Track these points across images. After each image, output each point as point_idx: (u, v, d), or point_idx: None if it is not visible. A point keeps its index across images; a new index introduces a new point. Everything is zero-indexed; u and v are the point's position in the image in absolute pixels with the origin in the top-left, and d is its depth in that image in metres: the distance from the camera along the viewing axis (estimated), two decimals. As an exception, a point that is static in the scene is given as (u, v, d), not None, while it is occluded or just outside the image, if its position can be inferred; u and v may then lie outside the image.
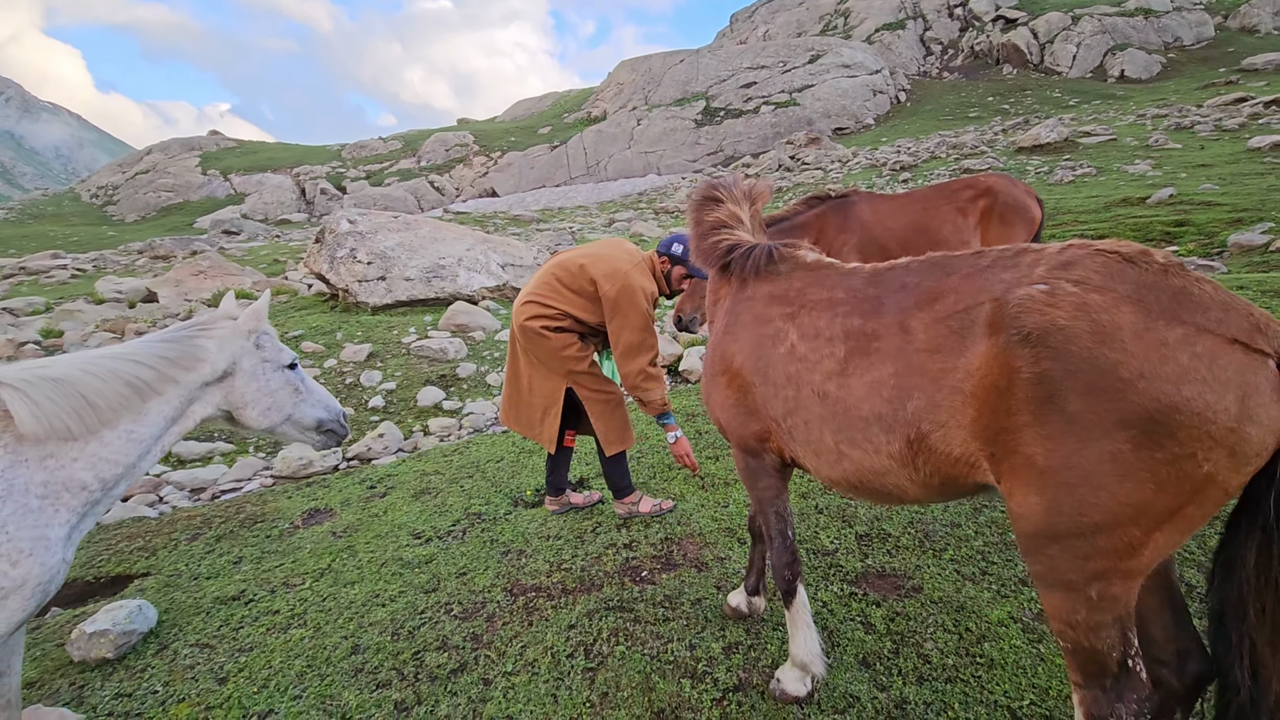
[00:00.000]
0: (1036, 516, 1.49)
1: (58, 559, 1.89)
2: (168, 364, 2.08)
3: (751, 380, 2.17)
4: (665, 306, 10.46)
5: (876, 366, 1.76)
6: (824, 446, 1.95)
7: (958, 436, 1.62)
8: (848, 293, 1.94)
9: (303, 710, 2.55)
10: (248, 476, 6.07)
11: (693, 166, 44.58)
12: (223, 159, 42.96)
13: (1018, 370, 1.48)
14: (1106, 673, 1.52)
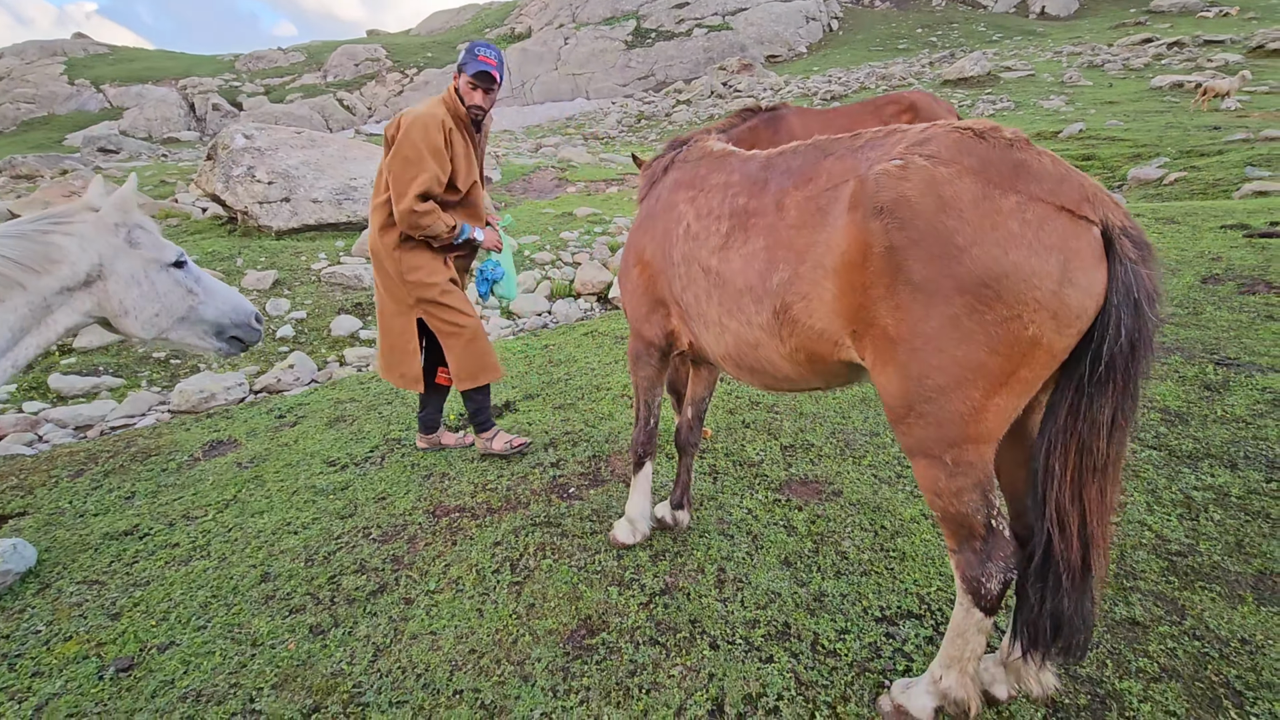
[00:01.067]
0: (894, 388, 1.57)
1: None
2: (13, 266, 1.76)
3: (660, 266, 2.25)
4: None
5: (751, 241, 1.83)
6: (710, 319, 2.02)
7: (820, 311, 1.67)
8: (742, 176, 2.00)
9: (208, 640, 2.41)
10: (141, 412, 5.59)
11: (623, 91, 42.99)
12: (93, 67, 37.92)
13: (871, 244, 1.53)
14: (975, 535, 1.62)
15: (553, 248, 9.98)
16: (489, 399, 3.56)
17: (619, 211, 12.02)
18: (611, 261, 9.36)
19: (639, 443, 2.60)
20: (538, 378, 4.73)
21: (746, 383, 2.09)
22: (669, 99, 36.63)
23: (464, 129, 3.21)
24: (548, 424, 3.96)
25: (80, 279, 1.91)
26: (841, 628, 2.20)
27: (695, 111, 31.81)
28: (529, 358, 5.18)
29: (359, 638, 2.37)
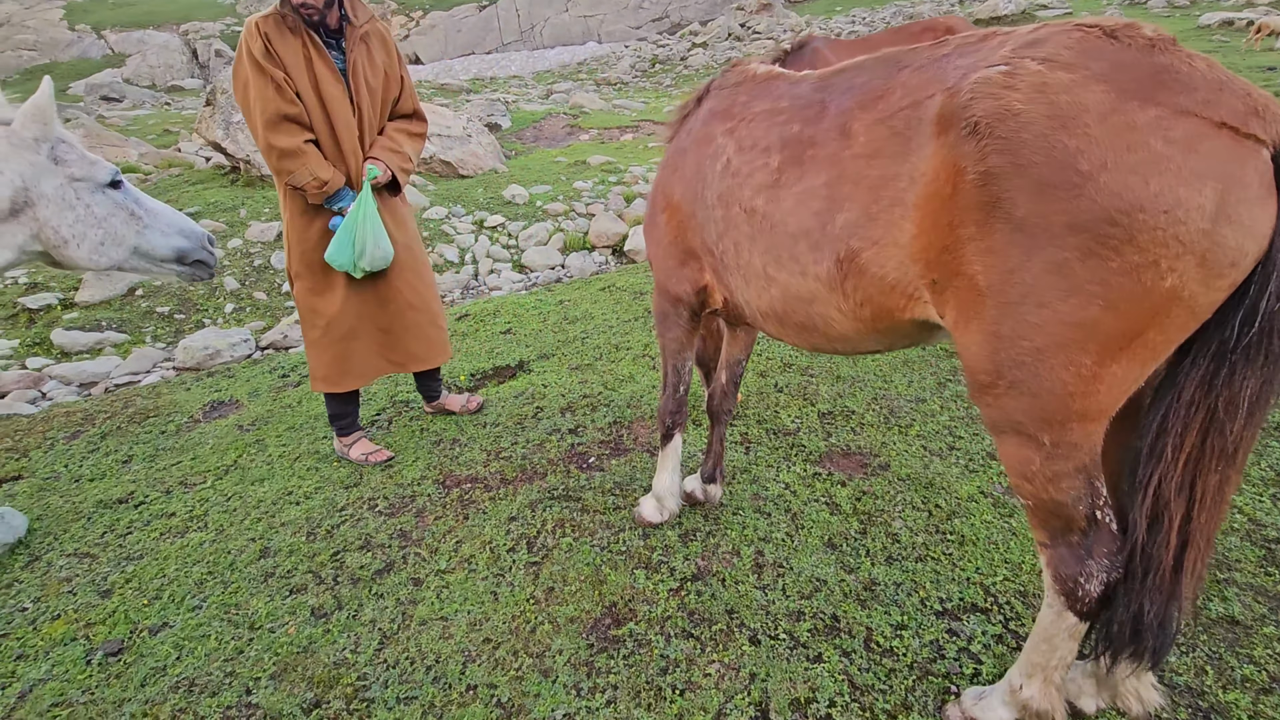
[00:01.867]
0: (980, 350, 1.29)
1: None
2: None
3: (691, 211, 1.93)
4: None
5: (809, 176, 1.51)
6: (752, 270, 1.72)
7: (894, 258, 1.38)
8: (792, 100, 1.66)
9: (202, 622, 2.23)
10: (146, 369, 5.42)
11: (636, 33, 41.31)
12: (93, 11, 36.89)
13: (963, 171, 1.22)
14: (1073, 527, 1.36)
15: (566, 198, 9.58)
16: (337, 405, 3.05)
17: (635, 160, 11.52)
18: (627, 212, 8.96)
19: (667, 412, 2.34)
20: (553, 336, 4.46)
21: (790, 342, 1.80)
22: (684, 42, 35.16)
23: (305, 35, 2.54)
24: (564, 386, 3.71)
25: (4, 208, 1.64)
26: (898, 622, 1.97)
27: (712, 55, 30.52)
28: (543, 314, 4.90)
29: (364, 622, 2.18)
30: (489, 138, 12.04)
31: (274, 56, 2.49)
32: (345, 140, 2.65)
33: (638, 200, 9.29)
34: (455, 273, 7.64)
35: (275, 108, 2.48)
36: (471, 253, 8.09)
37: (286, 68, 2.51)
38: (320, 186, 2.59)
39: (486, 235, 8.54)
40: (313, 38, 2.56)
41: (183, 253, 2.00)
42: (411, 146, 2.88)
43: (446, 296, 7.12)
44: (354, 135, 2.68)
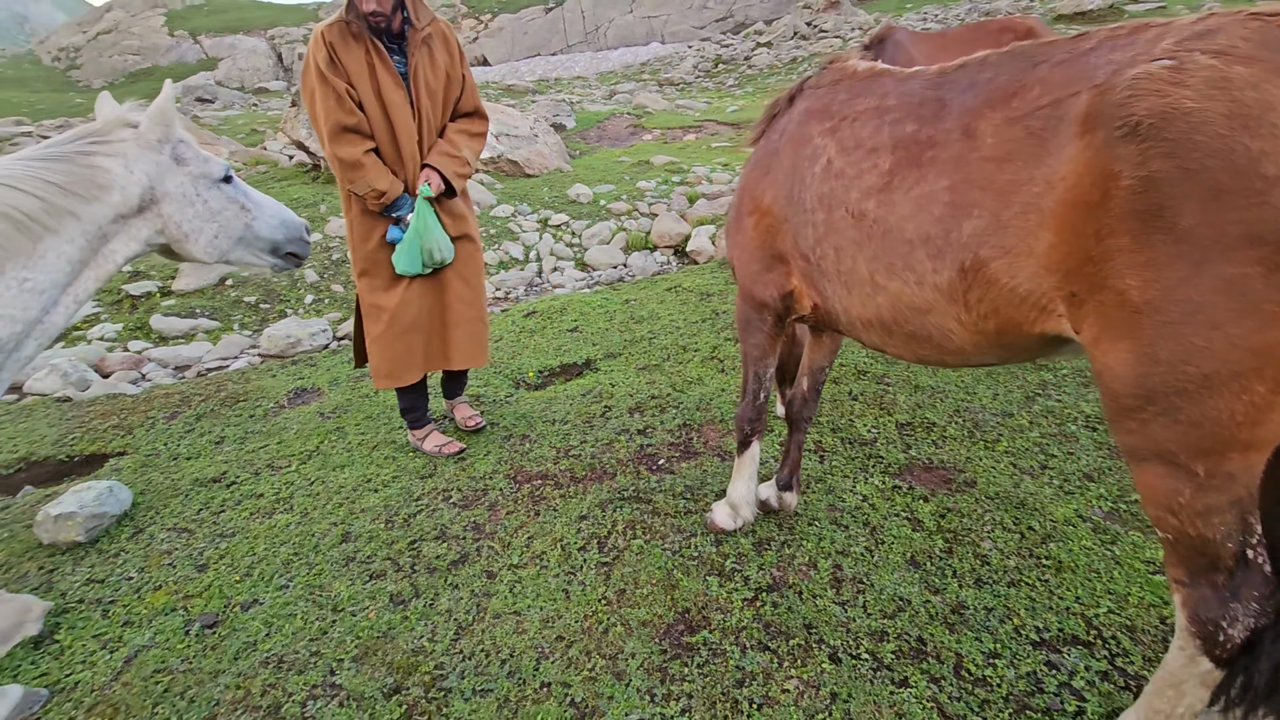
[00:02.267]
0: (1127, 371, 1.18)
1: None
2: (59, 193, 1.60)
3: (783, 214, 1.87)
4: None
5: (929, 179, 1.42)
6: (856, 278, 1.64)
7: (1027, 267, 1.28)
8: (902, 98, 1.57)
9: (290, 600, 2.32)
10: (234, 354, 5.72)
11: (700, 34, 41.14)
12: (190, 18, 39.35)
13: (1117, 176, 1.12)
14: (1219, 567, 1.24)
15: (629, 198, 9.61)
16: (403, 399, 3.14)
17: (698, 160, 11.46)
18: (690, 213, 8.92)
19: (746, 419, 2.29)
20: (619, 335, 4.47)
21: (891, 353, 1.73)
22: (748, 41, 34.80)
23: (368, 41, 2.58)
24: (631, 386, 3.70)
25: (134, 206, 1.73)
26: (990, 650, 1.87)
27: (777, 54, 30.10)
28: (609, 313, 4.92)
29: (440, 611, 2.22)
30: (554, 137, 12.21)
31: (338, 66, 2.55)
32: (405, 145, 2.72)
33: (700, 201, 9.23)
34: (520, 269, 7.76)
35: (336, 119, 2.56)
36: (536, 250, 8.21)
37: (350, 76, 2.57)
38: (378, 197, 2.67)
39: (551, 233, 8.66)
40: (376, 44, 2.60)
41: (281, 243, 2.06)
42: (470, 148, 2.89)
43: (511, 293, 7.24)
44: (414, 140, 2.73)
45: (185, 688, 2.01)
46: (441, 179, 2.80)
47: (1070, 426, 2.91)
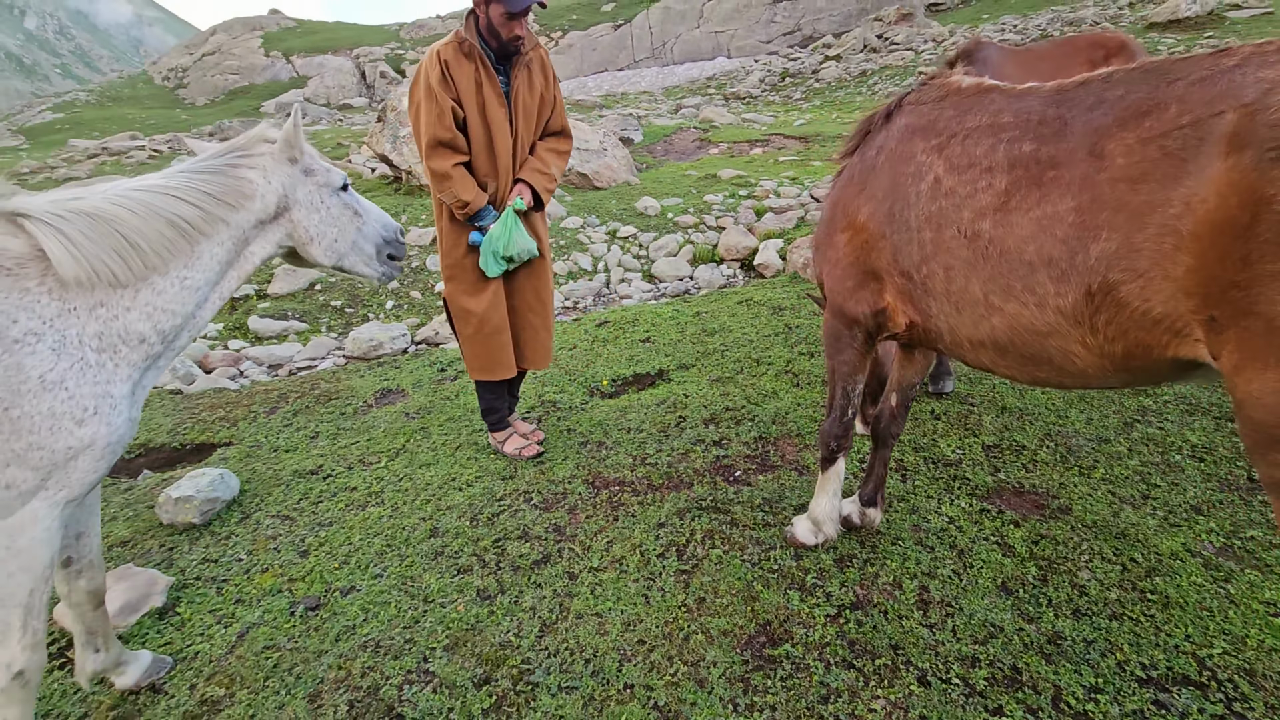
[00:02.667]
0: (1275, 399, 1.14)
1: (124, 418, 1.72)
2: (212, 201, 1.78)
3: (880, 231, 1.86)
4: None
5: (1051, 200, 1.40)
6: (968, 298, 1.62)
7: (1162, 291, 1.25)
8: (1018, 116, 1.55)
9: (384, 589, 2.45)
10: (321, 355, 6.06)
11: (766, 48, 41.03)
12: (284, 40, 42.08)
13: (1270, 200, 1.09)
14: None
15: (696, 211, 9.67)
16: (490, 395, 3.26)
17: (765, 174, 11.42)
18: (757, 226, 8.90)
19: (832, 436, 2.28)
20: (691, 347, 4.51)
21: (1002, 374, 1.70)
22: (816, 55, 34.49)
23: (479, 60, 2.73)
24: (706, 397, 3.73)
25: (271, 213, 1.93)
26: (1091, 684, 1.80)
27: (845, 67, 29.70)
28: (680, 325, 4.97)
29: (525, 609, 2.30)
30: (622, 151, 12.42)
31: (449, 83, 2.71)
32: (501, 158, 2.89)
33: (768, 215, 9.20)
34: (589, 280, 7.92)
35: (435, 133, 2.72)
36: (604, 261, 8.36)
37: (459, 92, 2.73)
38: (463, 207, 2.83)
39: (619, 245, 8.80)
40: (486, 64, 2.75)
41: (382, 245, 2.20)
42: (557, 165, 3.07)
43: (580, 303, 7.40)
44: (509, 154, 2.90)
45: (292, 664, 2.14)
46: (532, 193, 2.95)
47: (1174, 456, 2.76)
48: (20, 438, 1.57)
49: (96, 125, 31.19)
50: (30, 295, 1.59)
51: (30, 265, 1.60)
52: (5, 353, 1.54)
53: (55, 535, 1.69)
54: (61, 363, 1.61)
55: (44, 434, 1.59)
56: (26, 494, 1.61)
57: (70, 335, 1.63)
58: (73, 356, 1.63)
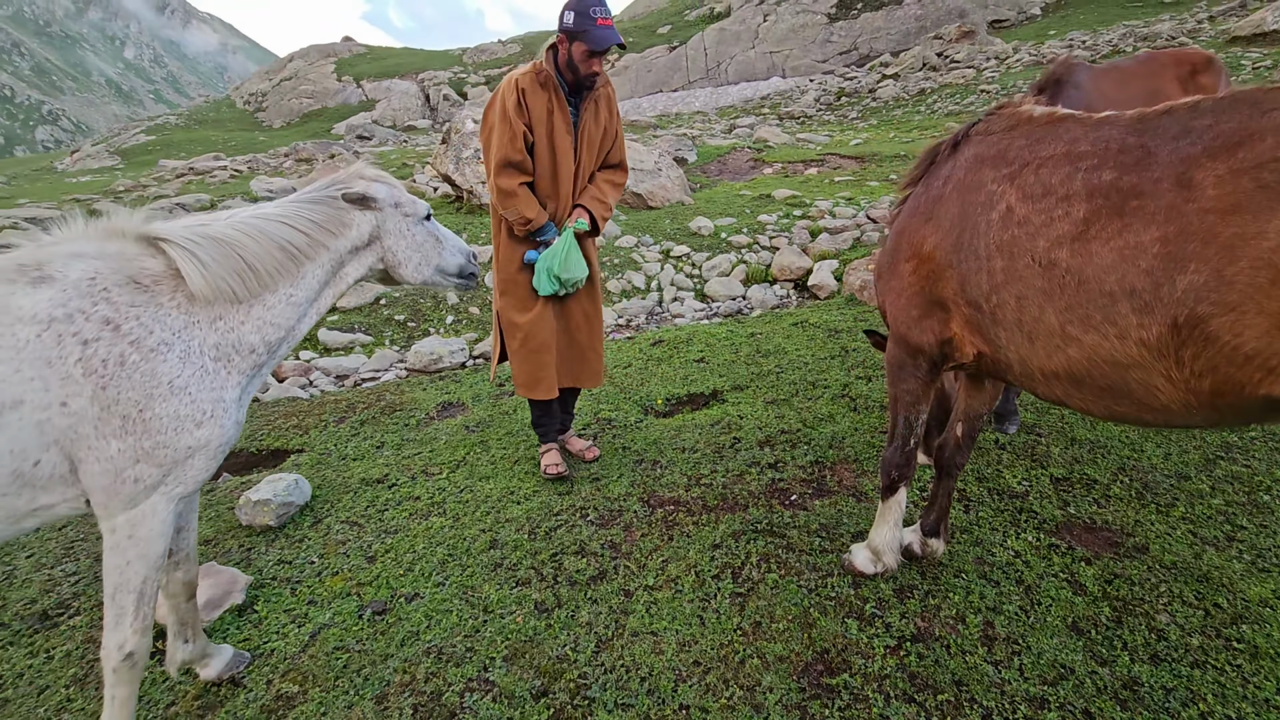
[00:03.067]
0: None
1: (233, 420, 1.87)
2: (317, 229, 1.98)
3: (947, 261, 1.86)
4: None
5: (1135, 230, 1.37)
6: (1042, 328, 1.59)
7: (1255, 326, 1.22)
8: (1096, 144, 1.53)
9: (446, 598, 2.53)
10: (385, 367, 6.31)
11: (822, 67, 40.86)
12: (355, 65, 44.33)
13: None
14: None
15: (750, 231, 9.68)
16: (538, 412, 3.36)
17: (820, 194, 11.35)
18: (812, 246, 8.84)
19: (893, 465, 2.26)
20: (745, 368, 4.51)
21: (1076, 406, 1.66)
22: (873, 74, 34.13)
23: (553, 91, 2.88)
24: (760, 419, 3.73)
25: (365, 239, 2.12)
26: (1172, 734, 1.72)
27: (903, 86, 29.28)
28: (735, 345, 4.98)
29: (581, 623, 2.34)
30: (677, 171, 12.55)
31: (523, 109, 2.87)
32: (563, 184, 3.04)
33: (823, 235, 9.13)
34: (642, 298, 8.02)
35: (506, 154, 2.88)
36: (657, 280, 8.45)
37: (531, 119, 2.88)
38: (525, 223, 2.98)
39: (672, 264, 8.88)
40: (559, 95, 2.91)
41: (462, 268, 2.39)
42: (613, 195, 3.20)
43: (633, 320, 7.48)
44: (570, 181, 3.05)
45: (360, 666, 2.24)
46: (590, 219, 3.08)
47: (1263, 496, 2.61)
48: (150, 436, 1.72)
49: (184, 147, 33.42)
50: (163, 309, 1.76)
51: (165, 283, 1.78)
52: (143, 360, 1.71)
53: (169, 527, 1.84)
54: (186, 369, 1.77)
55: (169, 434, 1.74)
56: (149, 488, 1.76)
57: (194, 345, 1.80)
58: (195, 364, 1.79)
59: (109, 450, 1.70)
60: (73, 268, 1.72)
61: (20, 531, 1.75)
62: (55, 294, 1.67)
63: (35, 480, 1.68)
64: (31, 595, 2.73)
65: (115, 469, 1.71)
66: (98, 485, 1.72)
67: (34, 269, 1.70)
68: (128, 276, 1.75)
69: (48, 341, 1.64)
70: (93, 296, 1.70)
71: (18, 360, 1.61)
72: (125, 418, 1.69)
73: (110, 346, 1.68)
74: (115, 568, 1.79)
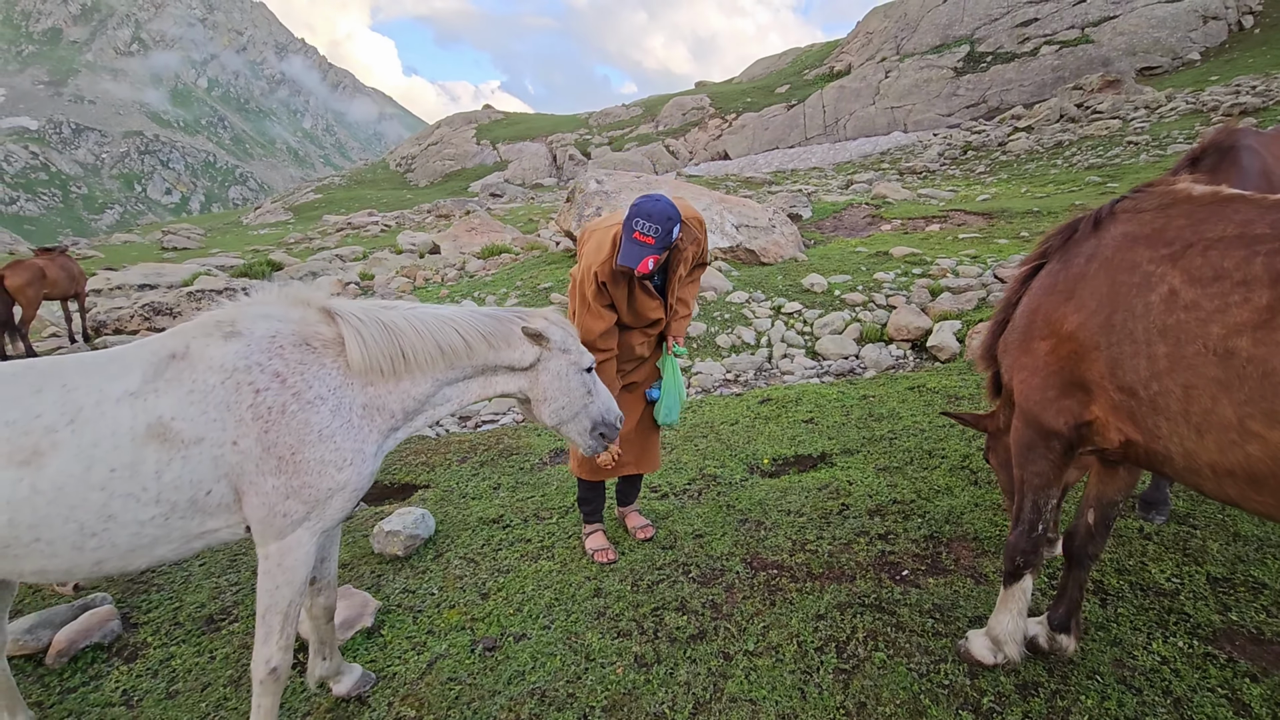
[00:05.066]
0: None
1: (369, 469, 2.11)
2: (480, 339, 2.21)
3: (1093, 342, 1.77)
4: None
5: None
6: (1215, 420, 1.49)
7: None
8: (1275, 228, 1.46)
9: (551, 641, 2.64)
10: (503, 411, 6.71)
11: (947, 121, 39.69)
12: (492, 130, 48.61)
13: None
14: None
15: (865, 288, 9.47)
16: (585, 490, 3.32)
17: (942, 251, 10.93)
18: (932, 306, 8.50)
19: (1019, 550, 2.12)
20: (856, 431, 4.40)
21: (1253, 509, 1.53)
22: (1003, 126, 32.67)
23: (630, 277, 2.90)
24: (871, 486, 3.61)
25: (523, 365, 2.30)
26: None
27: (1037, 139, 27.76)
28: (845, 407, 4.87)
29: (679, 682, 2.36)
30: (791, 227, 12.59)
31: (604, 295, 2.92)
32: (651, 330, 3.12)
33: (945, 294, 8.77)
34: (750, 354, 8.03)
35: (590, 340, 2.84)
36: (767, 336, 8.44)
37: (614, 299, 2.94)
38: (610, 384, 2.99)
39: (783, 320, 8.84)
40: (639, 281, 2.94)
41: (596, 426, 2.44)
42: (693, 293, 3.27)
43: (741, 376, 7.49)
44: (660, 326, 3.11)
45: (470, 699, 2.38)
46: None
47: None
48: (299, 476, 1.99)
49: (344, 203, 37.81)
50: (325, 369, 2.05)
51: (331, 348, 2.07)
52: (301, 410, 1.99)
53: (312, 557, 2.08)
54: (335, 421, 2.03)
55: (315, 475, 2.00)
56: (295, 522, 2.02)
57: (345, 402, 2.06)
58: (344, 418, 2.05)
59: (266, 486, 1.97)
60: (260, 326, 2.05)
61: (190, 552, 2.03)
62: (241, 348, 1.99)
63: (206, 507, 1.96)
64: (201, 600, 3.13)
65: (269, 503, 1.97)
66: (255, 516, 1.99)
67: (228, 325, 2.04)
68: (303, 338, 2.06)
69: (229, 388, 1.94)
70: (270, 352, 2.01)
71: (205, 403, 1.92)
72: (281, 459, 1.96)
73: (276, 396, 1.97)
74: (266, 590, 2.04)
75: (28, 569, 1.87)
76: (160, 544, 1.96)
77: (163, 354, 1.99)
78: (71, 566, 1.89)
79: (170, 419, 1.89)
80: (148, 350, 2.02)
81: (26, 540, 1.82)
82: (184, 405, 1.91)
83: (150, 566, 2.02)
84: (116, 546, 1.90)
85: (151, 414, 1.89)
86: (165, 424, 1.88)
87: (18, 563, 1.85)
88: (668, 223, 2.69)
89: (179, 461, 1.89)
